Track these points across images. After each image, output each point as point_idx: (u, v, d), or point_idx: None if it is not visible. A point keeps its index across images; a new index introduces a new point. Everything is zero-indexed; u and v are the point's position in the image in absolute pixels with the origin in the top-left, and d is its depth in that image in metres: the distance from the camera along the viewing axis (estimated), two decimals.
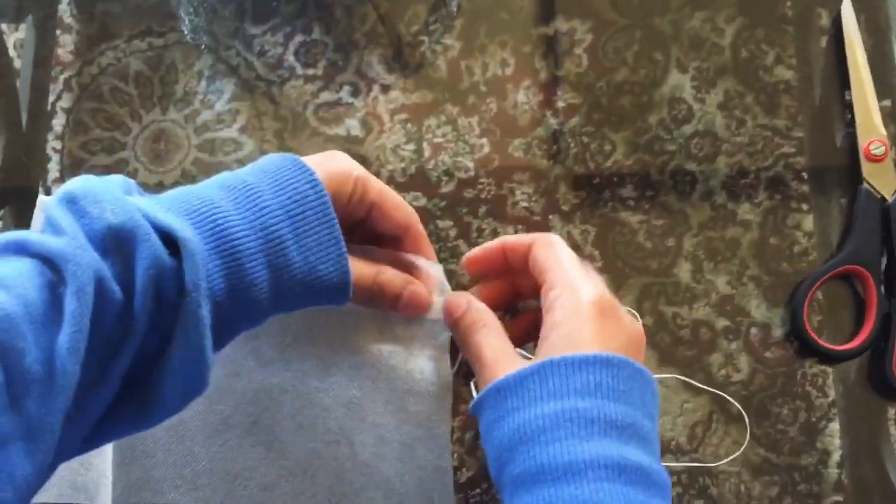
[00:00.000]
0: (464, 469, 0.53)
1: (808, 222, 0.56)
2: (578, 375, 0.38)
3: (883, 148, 0.55)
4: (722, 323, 0.55)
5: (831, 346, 0.54)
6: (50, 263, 0.34)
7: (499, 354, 0.42)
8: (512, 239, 0.46)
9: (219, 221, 0.38)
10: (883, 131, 0.56)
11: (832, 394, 0.54)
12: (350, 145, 0.58)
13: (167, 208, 0.37)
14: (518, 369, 0.40)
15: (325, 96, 0.59)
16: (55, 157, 0.59)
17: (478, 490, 0.53)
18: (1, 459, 0.31)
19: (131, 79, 0.60)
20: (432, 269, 0.47)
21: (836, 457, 0.53)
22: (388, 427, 0.48)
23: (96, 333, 0.34)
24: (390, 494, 0.48)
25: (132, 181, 0.39)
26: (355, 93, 0.59)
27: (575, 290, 0.41)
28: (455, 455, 0.54)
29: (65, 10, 0.62)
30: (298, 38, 0.60)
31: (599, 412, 0.37)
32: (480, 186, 0.57)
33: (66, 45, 0.61)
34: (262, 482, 0.48)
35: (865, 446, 0.53)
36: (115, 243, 0.35)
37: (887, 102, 0.57)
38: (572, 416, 0.37)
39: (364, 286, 0.44)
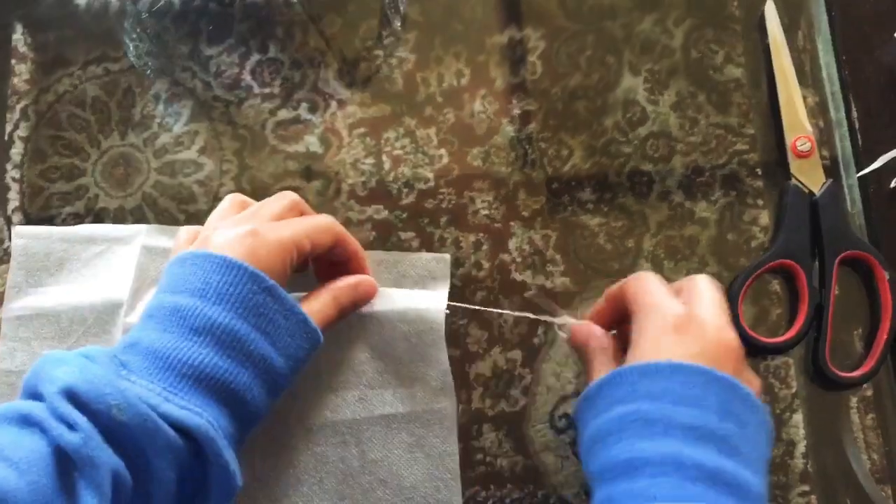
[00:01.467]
0: None
1: (764, 217, 0.57)
2: (646, 382, 0.41)
3: (809, 144, 0.56)
4: None
5: (764, 339, 0.54)
6: (63, 450, 0.35)
7: (602, 369, 0.45)
8: (612, 288, 0.48)
9: (220, 382, 0.41)
10: (808, 127, 0.57)
11: (795, 385, 0.55)
12: (310, 161, 0.59)
13: (164, 389, 0.39)
14: (594, 381, 0.43)
15: (283, 114, 0.60)
16: (14, 187, 0.59)
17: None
18: None
19: (88, 105, 0.60)
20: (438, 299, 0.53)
21: (801, 447, 0.54)
22: (396, 417, 0.50)
23: None
24: (399, 490, 0.50)
25: (105, 350, 0.41)
26: (313, 109, 0.60)
27: (655, 308, 0.43)
28: None
29: (19, 39, 0.62)
30: (254, 58, 0.61)
31: (663, 414, 0.39)
32: (441, 196, 0.58)
33: (21, 73, 0.61)
34: (271, 495, 0.49)
35: (828, 436, 0.54)
36: (128, 437, 0.37)
37: (814, 103, 0.58)
38: (636, 417, 0.40)
39: (330, 319, 0.48)
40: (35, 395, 0.38)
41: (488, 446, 0.54)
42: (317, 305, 0.47)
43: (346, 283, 0.49)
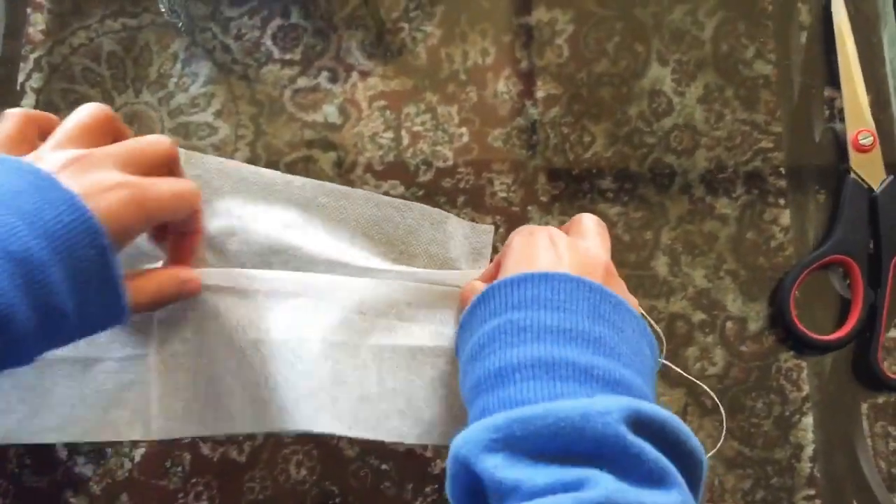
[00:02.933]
0: (437, 460, 0.53)
1: (785, 217, 0.56)
2: (515, 292, 0.39)
3: (871, 138, 0.56)
4: (698, 316, 0.55)
5: (817, 336, 0.54)
6: None
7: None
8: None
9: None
10: (871, 122, 0.56)
11: (806, 388, 0.54)
12: (327, 132, 0.57)
13: None
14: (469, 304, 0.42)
15: (303, 82, 0.58)
16: None
17: None
18: None
19: (104, 60, 0.59)
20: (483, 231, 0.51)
21: (808, 451, 0.53)
22: (423, 350, 0.49)
23: None
24: (416, 423, 0.47)
25: None
26: (333, 79, 0.59)
27: (526, 232, 0.44)
28: (429, 446, 0.53)
29: None
30: (276, 22, 0.59)
31: (533, 321, 0.38)
32: (459, 176, 0.57)
33: (36, 23, 0.59)
34: (283, 405, 0.46)
35: (839, 440, 0.54)
36: None
37: (876, 100, 0.58)
38: (506, 328, 0.39)
39: (144, 305, 0.43)
40: None
41: None
42: (143, 286, 0.42)
43: (177, 276, 0.44)
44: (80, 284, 0.37)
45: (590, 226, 0.45)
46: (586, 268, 0.41)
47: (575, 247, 0.42)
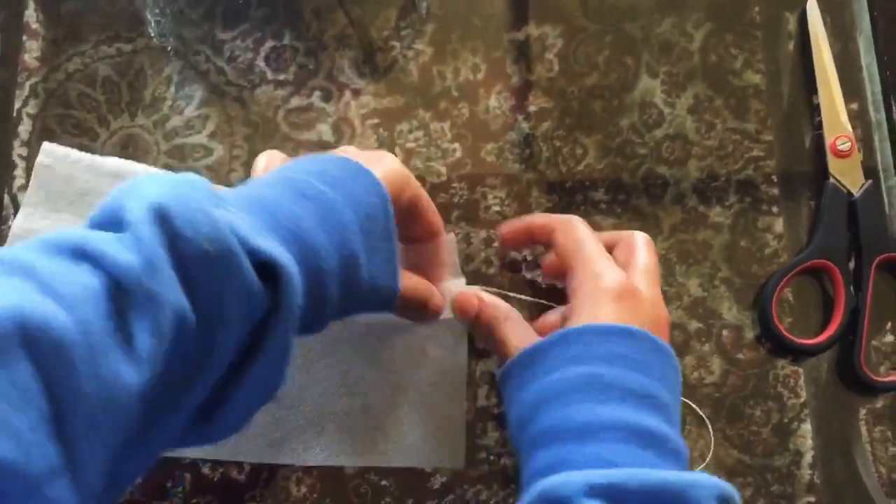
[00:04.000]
0: (437, 475, 0.53)
1: (779, 225, 0.57)
2: (600, 344, 0.40)
3: (849, 143, 0.56)
4: (694, 325, 0.55)
5: (799, 341, 0.54)
6: (121, 285, 0.31)
7: (524, 336, 0.45)
8: (538, 221, 0.50)
9: (307, 241, 0.38)
10: (849, 127, 0.57)
11: (804, 394, 0.54)
12: (321, 150, 0.58)
13: (256, 225, 0.36)
14: (540, 339, 0.43)
15: (296, 101, 0.59)
16: (21, 164, 0.58)
17: (451, 496, 0.53)
18: (48, 491, 0.28)
19: (99, 84, 0.59)
20: (456, 286, 0.49)
21: (808, 457, 0.53)
22: (406, 375, 0.49)
23: (171, 365, 0.32)
24: (401, 448, 0.49)
25: (206, 181, 0.37)
26: (326, 98, 0.59)
27: (596, 276, 0.43)
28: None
29: (31, 16, 0.61)
30: (269, 44, 0.60)
31: (618, 379, 0.39)
32: (453, 191, 0.57)
33: (31, 50, 0.60)
34: (270, 438, 0.48)
35: (837, 446, 0.54)
36: (208, 272, 0.33)
37: (854, 105, 0.58)
38: (592, 380, 0.39)
39: (407, 298, 0.45)
40: (113, 221, 0.33)
41: (492, 445, 0.53)
42: (406, 283, 0.45)
43: (427, 286, 0.48)
44: (366, 231, 0.40)
45: (643, 255, 0.46)
46: (660, 326, 0.43)
47: (656, 301, 0.44)
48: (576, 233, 0.46)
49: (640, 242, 0.47)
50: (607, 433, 0.38)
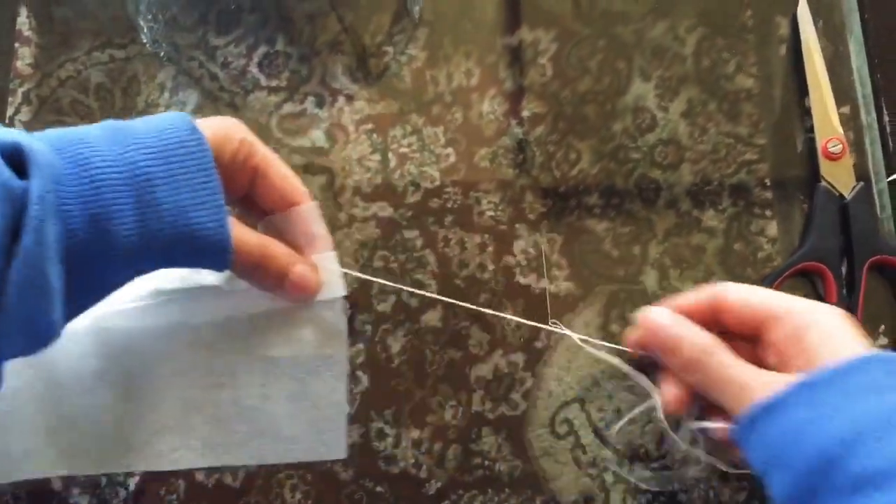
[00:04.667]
0: (432, 481, 0.53)
1: (772, 228, 0.57)
2: (890, 369, 0.37)
3: (840, 146, 0.56)
4: None
5: None
6: None
7: (750, 370, 0.41)
8: (698, 300, 0.46)
9: (81, 149, 0.35)
10: (840, 130, 0.57)
11: None
12: (315, 156, 0.58)
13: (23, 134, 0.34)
14: (832, 366, 0.37)
15: (289, 107, 0.59)
16: None
17: (446, 502, 0.53)
18: None
19: (92, 91, 0.59)
20: (325, 260, 0.45)
21: None
22: (280, 362, 0.45)
23: None
24: (277, 441, 0.45)
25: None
26: (320, 103, 0.59)
27: (810, 309, 0.42)
28: (423, 466, 0.53)
29: (24, 23, 0.61)
30: (262, 50, 0.60)
31: None
32: (446, 196, 0.57)
33: (24, 57, 0.60)
34: (130, 443, 0.44)
35: None
36: None
37: (846, 109, 0.58)
38: None
39: (248, 255, 0.40)
40: None
41: (487, 450, 0.53)
42: (247, 237, 0.41)
43: (288, 254, 0.43)
44: (169, 155, 0.37)
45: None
46: None
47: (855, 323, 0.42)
48: (741, 289, 0.45)
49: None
50: None
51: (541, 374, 0.55)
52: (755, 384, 0.40)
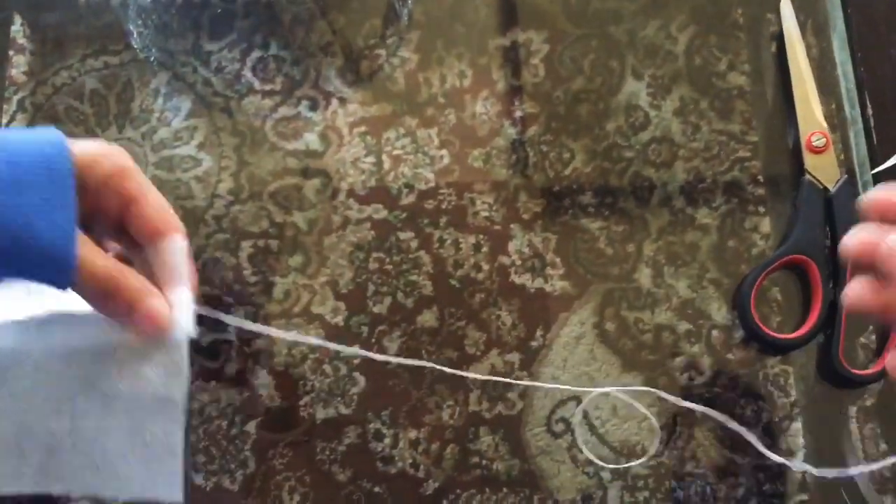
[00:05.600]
0: (430, 480, 0.53)
1: (766, 224, 0.57)
2: None
3: (824, 139, 0.56)
4: (684, 326, 0.55)
5: (777, 335, 0.54)
6: None
7: None
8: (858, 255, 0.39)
9: None
10: (823, 123, 0.57)
11: (794, 393, 0.54)
12: (310, 159, 0.58)
13: None
14: None
15: (284, 111, 0.59)
16: None
17: (444, 502, 0.53)
18: None
19: (86, 98, 0.60)
20: (180, 297, 0.42)
21: (800, 456, 0.54)
22: (117, 397, 0.42)
23: None
24: (111, 477, 0.42)
25: None
26: (314, 107, 0.59)
27: None
28: (421, 466, 0.53)
29: (18, 31, 0.61)
30: (255, 54, 0.60)
31: None
32: (441, 197, 0.57)
33: (18, 65, 0.60)
34: None
35: (828, 445, 0.54)
36: None
37: (830, 103, 0.58)
38: None
39: (97, 277, 0.38)
40: None
41: (484, 449, 0.54)
42: (95, 258, 0.37)
43: (139, 285, 0.39)
44: (15, 162, 0.34)
45: None
46: None
47: None
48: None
49: None
50: None
51: (537, 373, 0.55)
52: None
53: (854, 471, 0.44)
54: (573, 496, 0.53)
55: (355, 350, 0.44)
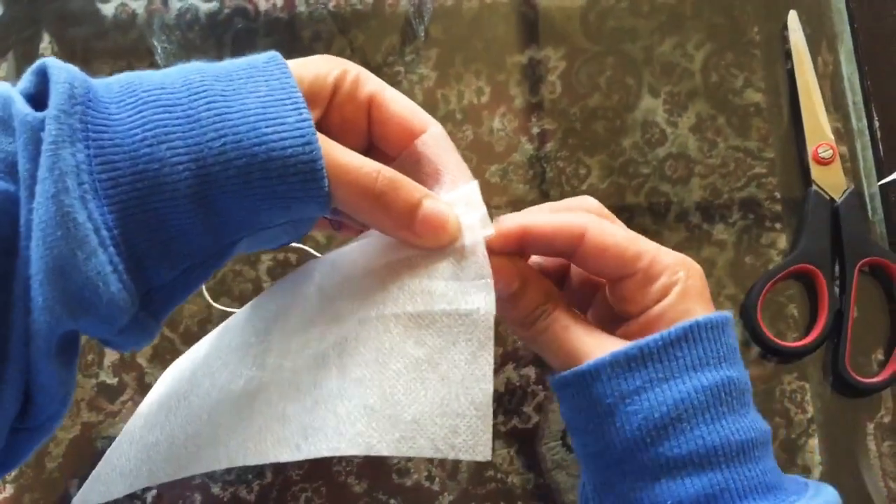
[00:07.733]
0: (445, 493, 0.53)
1: (782, 241, 0.57)
2: (722, 340, 0.34)
3: (830, 151, 0.57)
4: None
5: (786, 344, 0.55)
6: None
7: (587, 329, 0.35)
8: (546, 227, 0.36)
9: (133, 78, 0.31)
10: (830, 135, 0.57)
11: (811, 410, 0.54)
12: None
13: None
14: (657, 334, 0.33)
15: None
16: None
17: None
18: None
19: None
20: (463, 195, 0.35)
21: (816, 473, 0.53)
22: (400, 318, 0.33)
23: None
24: (393, 424, 0.32)
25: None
26: None
27: (685, 266, 0.36)
28: (436, 479, 0.53)
29: (46, 48, 0.62)
30: None
31: (743, 382, 0.34)
32: None
33: None
34: (214, 437, 0.36)
35: (845, 462, 0.54)
36: None
37: (837, 115, 0.59)
38: (730, 388, 0.33)
39: (361, 184, 0.31)
40: None
41: (500, 463, 0.54)
42: (351, 158, 0.32)
43: (413, 194, 0.33)
44: (238, 85, 0.31)
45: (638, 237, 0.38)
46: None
47: (697, 269, 0.36)
48: (614, 233, 0.37)
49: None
50: (758, 451, 0.33)
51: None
52: (588, 343, 0.35)
53: None
54: None
55: None
